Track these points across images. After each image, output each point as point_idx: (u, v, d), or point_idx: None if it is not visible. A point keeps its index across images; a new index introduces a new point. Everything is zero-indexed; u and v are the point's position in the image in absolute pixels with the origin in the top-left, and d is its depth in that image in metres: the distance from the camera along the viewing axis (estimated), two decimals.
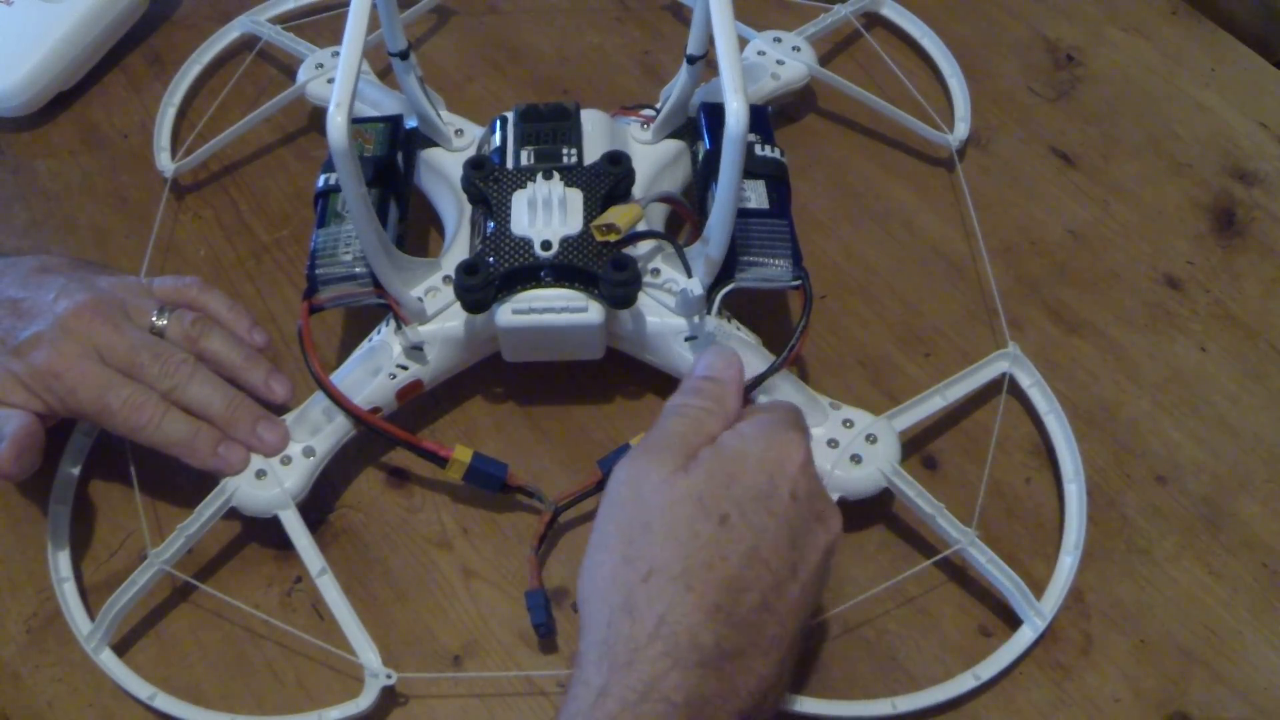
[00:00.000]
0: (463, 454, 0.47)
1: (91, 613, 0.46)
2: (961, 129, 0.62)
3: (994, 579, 0.46)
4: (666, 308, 0.48)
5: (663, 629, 0.34)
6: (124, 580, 0.45)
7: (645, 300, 0.48)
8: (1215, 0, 0.71)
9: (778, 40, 0.62)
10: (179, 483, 0.50)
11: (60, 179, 0.62)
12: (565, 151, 0.50)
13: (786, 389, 0.48)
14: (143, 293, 0.49)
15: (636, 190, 0.51)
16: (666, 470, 0.37)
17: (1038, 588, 0.47)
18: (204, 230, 0.60)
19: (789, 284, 0.47)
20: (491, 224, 0.48)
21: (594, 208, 0.48)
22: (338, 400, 0.47)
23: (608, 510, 0.37)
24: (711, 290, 0.47)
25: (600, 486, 0.42)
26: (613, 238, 0.47)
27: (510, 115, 0.53)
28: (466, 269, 0.46)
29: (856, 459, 0.47)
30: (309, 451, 0.47)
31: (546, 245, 0.47)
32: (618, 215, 0.47)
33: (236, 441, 0.47)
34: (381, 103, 0.58)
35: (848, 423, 0.48)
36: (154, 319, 0.48)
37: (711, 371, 0.41)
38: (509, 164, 0.50)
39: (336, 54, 0.62)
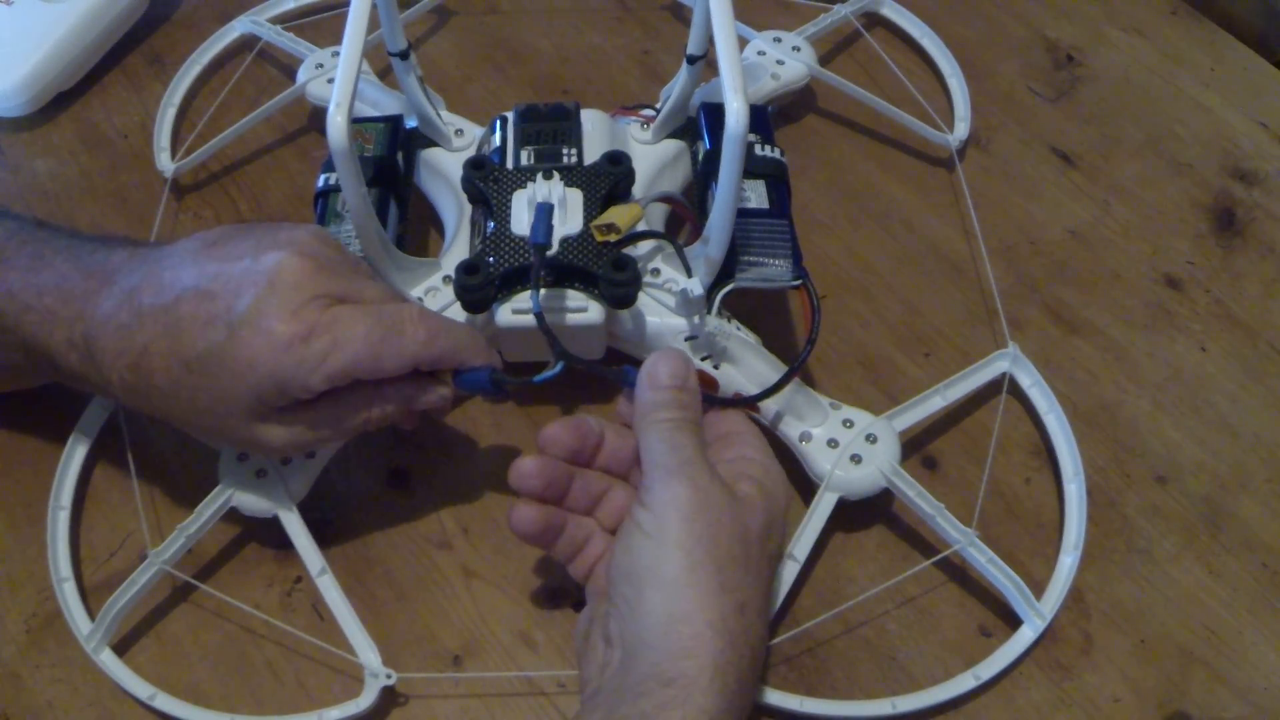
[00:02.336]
0: None
1: (91, 613, 0.46)
2: (961, 129, 0.62)
3: (994, 579, 0.46)
4: (666, 308, 0.48)
5: (754, 664, 0.37)
6: (124, 580, 0.45)
7: (645, 300, 0.48)
8: (1215, 0, 0.71)
9: (778, 40, 0.62)
10: (179, 483, 0.50)
11: (60, 179, 0.62)
12: (565, 151, 0.50)
13: (787, 389, 0.48)
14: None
15: (636, 190, 0.51)
16: (730, 501, 0.38)
17: (1038, 588, 0.47)
18: (204, 230, 0.60)
19: (789, 284, 0.47)
20: (491, 224, 0.48)
21: (594, 208, 0.48)
22: None
23: (686, 527, 0.37)
24: (711, 290, 0.47)
25: (621, 371, 0.42)
26: (613, 238, 0.47)
27: (510, 115, 0.53)
28: (466, 269, 0.46)
29: (856, 459, 0.47)
30: (309, 452, 0.47)
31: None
32: (618, 215, 0.47)
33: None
34: (381, 103, 0.58)
35: (848, 423, 0.48)
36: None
37: (676, 381, 0.41)
38: (509, 164, 0.50)
39: (336, 54, 0.62)
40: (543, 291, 0.47)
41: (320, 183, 0.51)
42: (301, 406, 0.40)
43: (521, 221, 0.48)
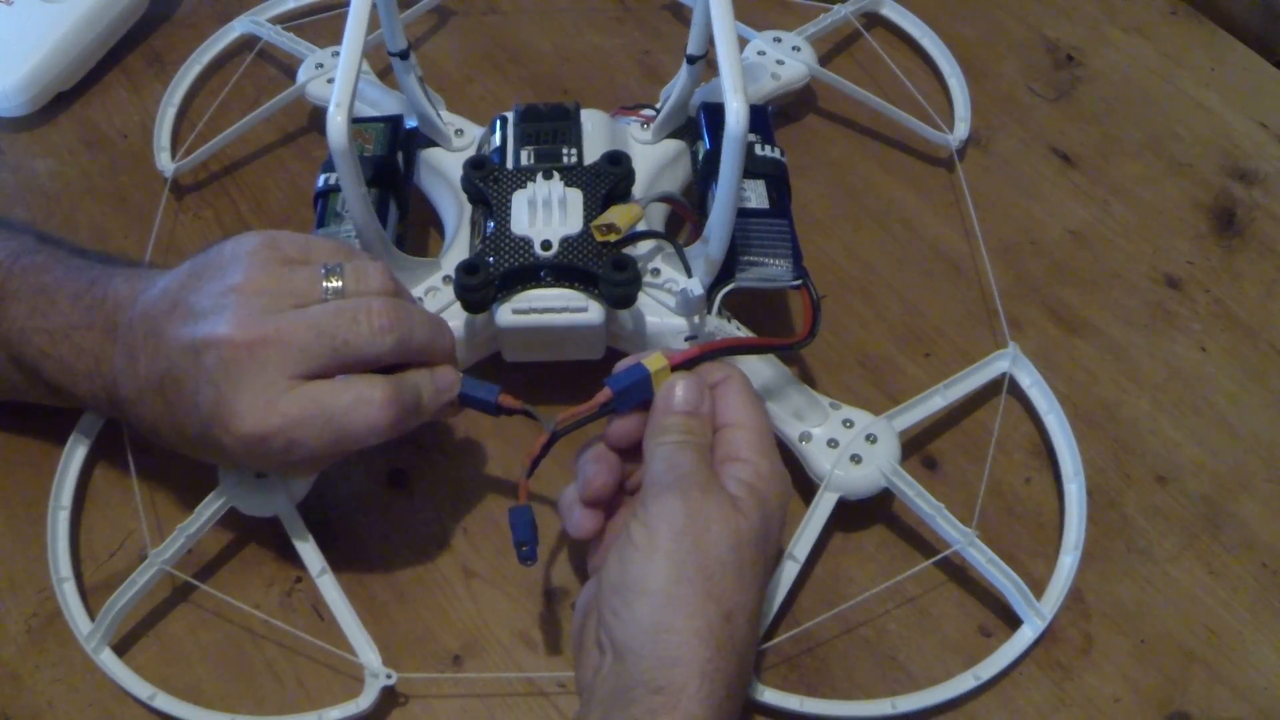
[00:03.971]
0: None
1: (91, 613, 0.46)
2: (961, 129, 0.62)
3: (994, 579, 0.46)
4: (666, 308, 0.48)
5: (743, 668, 0.37)
6: (124, 580, 0.45)
7: (645, 300, 0.48)
8: (1215, 0, 0.71)
9: (778, 40, 0.62)
10: (179, 483, 0.50)
11: (60, 179, 0.62)
12: (565, 151, 0.50)
13: (788, 389, 0.48)
14: (284, 261, 0.42)
15: (636, 190, 0.51)
16: (724, 509, 0.38)
17: (1038, 588, 0.47)
18: (204, 230, 0.60)
19: (789, 284, 0.47)
20: (491, 224, 0.48)
21: (594, 208, 0.48)
22: None
23: (676, 540, 0.37)
24: (711, 290, 0.47)
25: (606, 408, 0.41)
26: (613, 238, 0.47)
27: (510, 115, 0.53)
28: (466, 269, 0.46)
29: (856, 459, 0.47)
30: None
31: (546, 245, 0.47)
32: (618, 215, 0.47)
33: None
34: (381, 103, 0.58)
35: (848, 423, 0.48)
36: (324, 282, 0.41)
37: (689, 406, 0.41)
38: (509, 164, 0.50)
39: (336, 54, 0.62)
40: (543, 291, 0.47)
41: (320, 183, 0.51)
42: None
43: (521, 221, 0.48)
